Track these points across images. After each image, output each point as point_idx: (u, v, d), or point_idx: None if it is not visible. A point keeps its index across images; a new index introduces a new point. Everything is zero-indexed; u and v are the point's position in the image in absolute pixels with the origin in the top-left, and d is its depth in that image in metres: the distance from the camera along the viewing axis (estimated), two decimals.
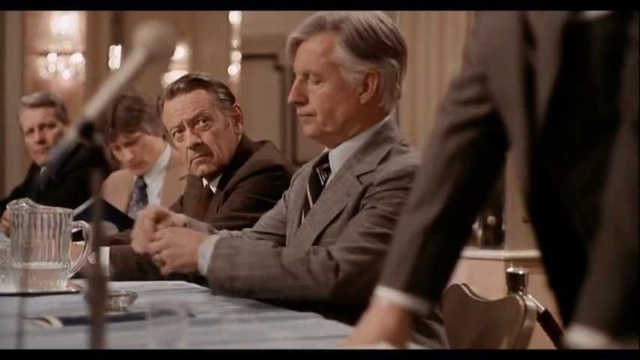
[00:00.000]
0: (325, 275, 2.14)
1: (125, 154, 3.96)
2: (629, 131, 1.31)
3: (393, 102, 2.36)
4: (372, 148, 2.32)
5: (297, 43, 2.35)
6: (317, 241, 2.26)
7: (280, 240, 2.46)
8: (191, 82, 2.90)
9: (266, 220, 2.55)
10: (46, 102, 4.80)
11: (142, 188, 4.10)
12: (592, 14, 1.37)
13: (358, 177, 2.27)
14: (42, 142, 4.77)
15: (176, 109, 2.90)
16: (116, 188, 4.21)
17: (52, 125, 4.77)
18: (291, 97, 2.36)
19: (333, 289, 2.14)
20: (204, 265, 2.23)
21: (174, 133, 2.93)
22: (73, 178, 4.48)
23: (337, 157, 2.36)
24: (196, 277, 2.47)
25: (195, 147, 2.89)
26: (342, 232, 2.24)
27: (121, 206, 4.01)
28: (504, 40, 1.51)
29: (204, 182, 3.00)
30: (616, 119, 1.35)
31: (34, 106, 4.80)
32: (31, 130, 4.78)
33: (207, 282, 2.28)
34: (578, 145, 1.44)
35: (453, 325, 2.39)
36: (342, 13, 2.32)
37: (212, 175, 2.94)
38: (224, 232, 2.54)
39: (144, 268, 2.67)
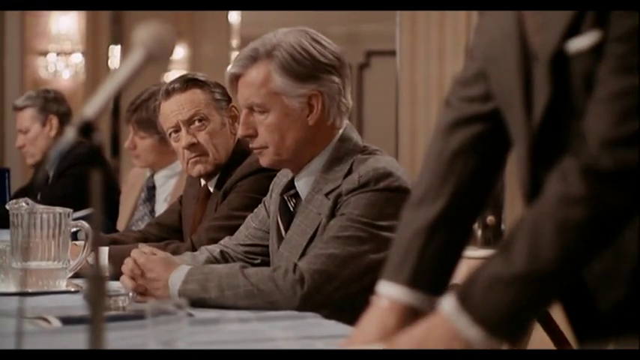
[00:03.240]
0: (292, 288, 2.15)
1: (128, 140, 3.98)
2: (578, 171, 1.34)
3: (343, 116, 2.35)
4: (335, 165, 2.31)
5: (235, 78, 2.33)
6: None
7: (268, 251, 2.46)
8: (187, 82, 2.89)
9: (252, 231, 2.54)
10: (23, 105, 4.78)
11: (151, 189, 4.09)
12: (572, 49, 1.39)
13: (326, 195, 2.28)
14: (21, 147, 4.81)
15: (172, 110, 2.89)
16: (132, 184, 4.23)
17: (26, 131, 4.76)
18: (240, 132, 2.36)
19: (301, 301, 2.15)
20: (174, 291, 2.22)
21: (170, 134, 2.92)
22: (70, 175, 4.46)
23: (303, 182, 2.36)
24: None
25: (191, 147, 2.87)
26: None
27: (131, 202, 4.02)
28: (504, 43, 1.52)
29: (202, 182, 3.00)
30: None
31: (16, 109, 4.82)
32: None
33: None
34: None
35: None
36: (274, 40, 2.30)
37: (209, 175, 2.93)
38: (202, 251, 2.54)
39: None
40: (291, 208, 2.37)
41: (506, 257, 1.38)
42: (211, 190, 2.95)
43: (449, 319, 1.41)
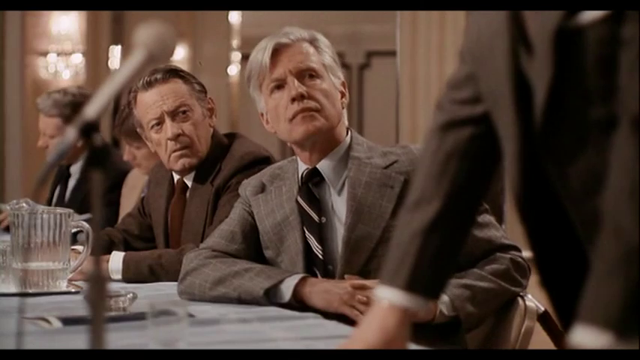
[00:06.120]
0: (525, 280, 2.32)
1: (126, 152, 3.97)
2: (628, 130, 1.31)
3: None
4: (357, 149, 2.38)
5: (282, 47, 2.37)
6: (382, 236, 2.26)
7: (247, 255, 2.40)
8: (168, 73, 2.84)
9: (249, 235, 2.43)
10: (50, 114, 4.73)
11: None
12: (584, 19, 1.36)
13: (386, 168, 2.33)
14: (44, 147, 4.76)
15: (155, 100, 2.82)
16: (133, 185, 4.21)
17: (52, 136, 4.73)
18: (297, 91, 2.34)
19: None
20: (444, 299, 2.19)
21: (152, 126, 2.84)
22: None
23: (328, 166, 2.37)
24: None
25: (177, 138, 2.81)
26: None
27: (131, 204, 4.02)
28: (493, 41, 1.51)
29: (175, 178, 2.94)
30: (613, 122, 1.35)
31: (42, 112, 4.76)
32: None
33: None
34: (576, 149, 1.44)
35: None
36: (306, 32, 2.42)
37: (192, 169, 2.88)
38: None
39: (156, 273, 2.66)
40: (317, 195, 2.37)
41: (598, 253, 1.31)
42: (189, 183, 2.90)
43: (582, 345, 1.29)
